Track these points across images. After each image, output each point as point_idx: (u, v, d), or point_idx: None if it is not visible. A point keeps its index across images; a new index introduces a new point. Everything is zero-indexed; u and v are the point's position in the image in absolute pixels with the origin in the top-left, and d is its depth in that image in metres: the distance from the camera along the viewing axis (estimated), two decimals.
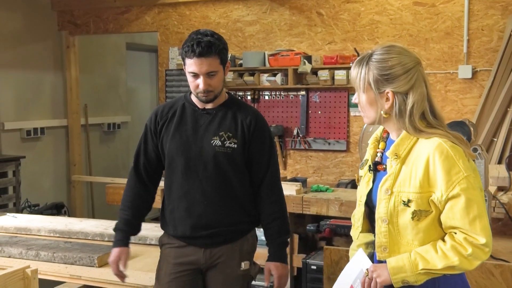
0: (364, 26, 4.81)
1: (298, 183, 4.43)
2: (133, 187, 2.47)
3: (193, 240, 2.36)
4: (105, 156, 6.76)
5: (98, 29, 5.93)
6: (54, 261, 2.79)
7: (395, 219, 1.74)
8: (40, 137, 5.88)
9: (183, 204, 2.35)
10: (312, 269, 4.15)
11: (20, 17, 5.66)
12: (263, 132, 2.40)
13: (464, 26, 4.45)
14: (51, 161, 6.06)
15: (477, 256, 1.65)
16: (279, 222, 2.41)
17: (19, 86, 5.67)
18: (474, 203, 1.65)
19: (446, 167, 1.66)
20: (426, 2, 4.60)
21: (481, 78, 4.43)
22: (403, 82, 1.73)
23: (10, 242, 3.05)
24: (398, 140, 1.76)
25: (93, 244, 3.03)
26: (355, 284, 1.81)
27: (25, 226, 3.35)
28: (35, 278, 1.94)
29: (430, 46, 4.59)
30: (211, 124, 2.35)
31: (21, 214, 3.98)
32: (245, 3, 5.24)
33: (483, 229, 1.64)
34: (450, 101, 4.52)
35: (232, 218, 2.37)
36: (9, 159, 5.26)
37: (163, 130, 2.39)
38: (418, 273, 1.68)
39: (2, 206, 5.07)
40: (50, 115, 6.03)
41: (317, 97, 4.97)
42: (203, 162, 2.32)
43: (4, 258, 2.88)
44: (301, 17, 5.03)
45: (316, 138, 5.00)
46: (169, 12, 5.58)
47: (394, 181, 1.74)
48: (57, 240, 3.13)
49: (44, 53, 5.95)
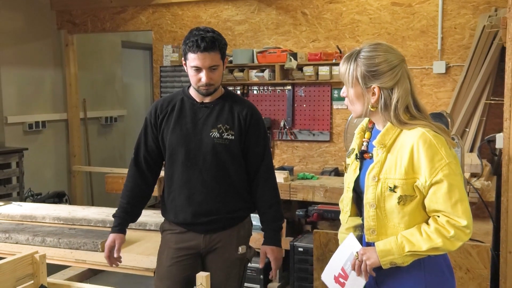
0: (345, 25, 4.80)
1: (285, 171, 4.43)
2: (133, 178, 2.44)
3: (194, 226, 2.35)
4: (103, 148, 6.71)
5: (95, 28, 5.87)
6: (60, 246, 2.76)
7: (382, 204, 1.75)
8: (42, 130, 5.83)
9: (184, 192, 2.33)
10: (299, 251, 4.16)
11: (21, 16, 5.59)
12: (258, 124, 2.39)
13: (438, 24, 4.47)
14: (52, 153, 6.00)
15: (459, 237, 1.67)
16: (274, 209, 2.40)
17: (21, 82, 5.61)
18: (455, 188, 1.66)
19: (430, 155, 1.67)
20: (403, 2, 4.60)
21: (454, 73, 4.45)
22: (389, 78, 1.74)
23: (17, 229, 3.01)
24: (384, 130, 1.76)
25: (96, 230, 3.01)
26: (346, 266, 1.81)
27: (30, 214, 3.32)
28: (43, 262, 1.91)
29: (406, 44, 4.60)
30: (209, 117, 2.33)
31: (25, 203, 3.94)
32: (234, 3, 5.21)
33: (464, 212, 1.66)
34: (425, 95, 4.53)
35: (230, 205, 2.35)
36: (12, 151, 5.21)
37: (163, 123, 2.37)
38: (404, 255, 1.69)
39: (6, 195, 5.03)
40: (51, 109, 5.97)
41: (302, 92, 4.96)
42: (202, 153, 2.30)
43: (11, 244, 2.86)
44: (287, 17, 5.01)
45: (302, 129, 5.00)
46: (163, 12, 5.53)
47: (380, 169, 1.75)
48: (61, 226, 3.11)
49: (45, 50, 5.88)
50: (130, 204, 2.42)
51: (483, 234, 2.66)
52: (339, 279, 1.82)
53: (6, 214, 3.35)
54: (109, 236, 2.40)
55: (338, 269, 1.83)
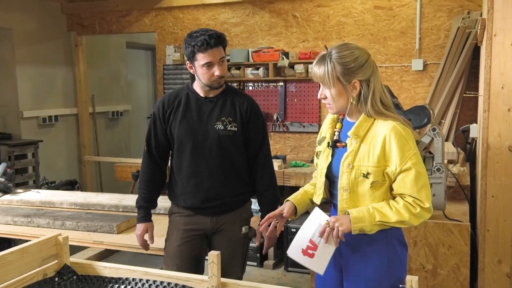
0: (332, 27, 4.79)
1: (279, 160, 4.44)
2: (148, 168, 2.43)
3: (201, 210, 2.35)
4: (110, 139, 6.67)
5: (102, 30, 5.81)
6: (78, 229, 2.75)
7: (355, 189, 1.77)
8: (54, 124, 5.78)
9: (193, 180, 2.33)
10: (292, 231, 4.18)
11: (34, 19, 5.53)
12: (257, 116, 2.38)
13: (417, 26, 4.47)
14: (64, 144, 5.96)
15: (422, 215, 1.73)
16: (271, 192, 2.41)
17: (35, 80, 5.56)
18: (421, 175, 1.72)
19: (400, 145, 1.71)
20: (384, 6, 4.60)
21: (430, 70, 4.47)
22: (366, 71, 1.76)
23: (38, 214, 2.99)
24: (358, 123, 1.78)
25: (110, 214, 3.00)
26: (314, 238, 1.77)
27: (49, 200, 3.29)
28: (66, 244, 1.89)
29: (388, 43, 4.60)
30: (213, 110, 2.31)
31: (42, 190, 3.90)
32: (231, 7, 5.17)
33: (427, 196, 1.72)
34: (404, 90, 4.55)
35: (234, 189, 2.36)
36: (28, 143, 5.18)
37: (171, 117, 2.35)
38: (374, 224, 1.72)
39: (23, 183, 5.00)
40: (62, 105, 5.92)
41: (293, 87, 4.95)
42: (208, 144, 2.29)
43: (33, 227, 2.84)
44: (279, 19, 4.99)
45: (293, 122, 4.99)
46: (165, 15, 5.48)
47: (354, 157, 1.77)
48: (78, 211, 3.08)
49: (56, 51, 5.82)
50: (151, 193, 2.43)
51: (461, 214, 2.68)
52: (308, 251, 1.79)
53: (26, 200, 3.33)
54: (137, 226, 2.41)
55: (306, 242, 1.79)
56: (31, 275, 1.74)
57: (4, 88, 5.39)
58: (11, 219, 2.92)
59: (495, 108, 2.29)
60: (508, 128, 2.29)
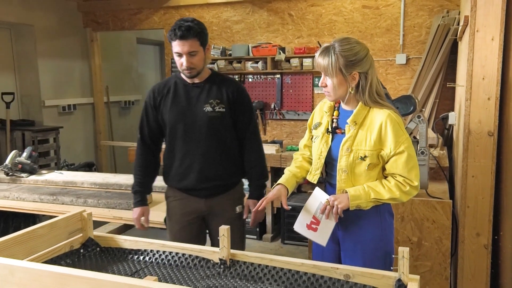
0: (324, 24, 4.74)
1: (276, 144, 4.42)
2: (142, 154, 2.33)
3: (196, 191, 2.25)
4: (122, 126, 6.62)
5: (115, 27, 5.72)
6: (99, 206, 2.73)
7: (353, 170, 1.77)
8: (73, 112, 5.73)
9: (185, 162, 2.23)
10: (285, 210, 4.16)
11: (53, 17, 5.44)
12: (244, 97, 2.27)
13: (400, 24, 4.43)
14: (82, 130, 5.91)
15: (411, 192, 1.74)
16: (258, 168, 2.29)
17: (56, 72, 5.49)
18: (412, 158, 1.73)
19: (395, 131, 1.71)
20: (371, 5, 4.54)
21: (413, 63, 4.43)
22: (365, 64, 1.74)
23: (62, 192, 2.97)
24: (356, 111, 1.76)
25: (127, 193, 2.96)
26: (317, 214, 1.80)
27: (71, 180, 3.26)
28: (90, 219, 1.88)
29: (374, 39, 4.55)
30: (201, 95, 2.21)
31: (64, 171, 3.86)
32: (232, 6, 5.10)
33: (416, 176, 1.74)
34: (389, 81, 4.52)
35: (226, 169, 2.25)
36: (50, 129, 5.14)
37: (161, 104, 2.24)
38: (369, 201, 1.74)
39: (46, 165, 4.97)
40: (80, 94, 5.86)
41: (289, 79, 4.90)
42: (198, 126, 2.19)
43: (58, 205, 2.82)
44: (276, 18, 4.92)
45: (288, 110, 4.95)
46: (172, 13, 5.39)
47: (352, 142, 1.76)
48: (98, 190, 3.06)
49: (74, 45, 5.74)
50: (145, 178, 2.33)
51: (441, 192, 2.68)
52: (312, 226, 1.82)
53: (50, 180, 3.29)
54: (133, 210, 2.32)
55: (310, 218, 1.82)
56: (59, 247, 1.74)
57: (28, 80, 5.32)
58: (38, 197, 2.89)
59: (476, 97, 2.27)
60: (487, 115, 2.27)
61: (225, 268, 1.62)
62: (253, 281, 1.55)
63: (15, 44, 5.27)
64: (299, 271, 1.53)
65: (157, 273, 1.64)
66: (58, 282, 1.33)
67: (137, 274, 1.63)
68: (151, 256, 1.74)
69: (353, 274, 1.46)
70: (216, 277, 1.58)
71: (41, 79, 5.29)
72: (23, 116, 5.35)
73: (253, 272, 1.58)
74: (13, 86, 5.27)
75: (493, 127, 2.29)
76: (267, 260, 1.58)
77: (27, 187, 3.17)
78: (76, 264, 1.72)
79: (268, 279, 1.55)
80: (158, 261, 1.72)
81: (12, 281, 1.39)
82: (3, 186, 3.20)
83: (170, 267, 1.68)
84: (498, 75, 2.24)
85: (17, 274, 1.38)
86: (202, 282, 1.54)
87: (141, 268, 1.68)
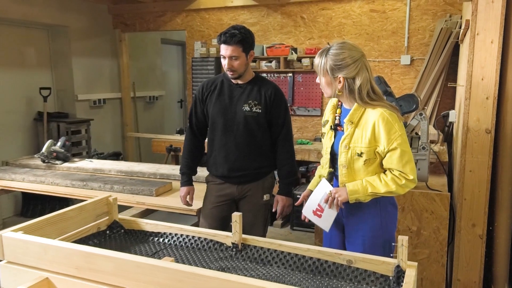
0: (334, 27, 4.68)
1: None
2: (190, 140, 2.41)
3: (229, 179, 2.33)
4: (147, 119, 6.65)
5: (142, 28, 5.74)
6: (124, 192, 2.75)
7: (352, 165, 1.76)
8: (103, 106, 5.77)
9: (222, 153, 2.30)
10: (297, 197, 4.13)
11: (86, 19, 5.48)
12: (280, 101, 2.31)
13: (406, 27, 4.35)
14: (110, 123, 5.96)
15: (407, 185, 1.72)
16: (288, 167, 2.35)
17: (87, 69, 5.53)
18: (405, 153, 1.70)
19: (387, 129, 1.69)
20: (379, 9, 4.47)
21: (416, 64, 4.36)
22: (351, 70, 1.70)
23: (91, 178, 3.00)
24: (352, 111, 1.75)
25: (149, 180, 2.99)
26: (321, 203, 1.82)
27: (100, 168, 3.30)
28: (115, 203, 1.90)
29: (381, 41, 4.49)
30: (242, 95, 2.27)
31: (94, 160, 3.91)
32: (249, 9, 5.07)
33: (412, 170, 1.70)
34: (394, 81, 4.45)
35: (256, 163, 2.32)
36: (82, 121, 5.19)
37: (207, 99, 2.32)
38: (367, 195, 1.72)
39: (78, 154, 5.02)
40: (109, 90, 5.90)
41: (300, 78, 4.87)
42: (236, 123, 2.26)
43: (88, 190, 2.85)
44: (289, 20, 4.88)
45: (299, 106, 4.92)
46: (194, 15, 5.39)
47: (350, 140, 1.75)
48: (123, 177, 3.08)
49: (104, 45, 5.78)
50: (192, 162, 2.41)
51: (440, 185, 2.63)
52: (317, 212, 1.84)
53: (81, 167, 3.34)
54: (181, 189, 2.41)
55: (315, 205, 1.84)
56: (87, 228, 1.77)
57: (63, 76, 5.38)
58: (69, 182, 2.93)
59: (475, 97, 2.22)
60: (485, 113, 2.22)
61: (236, 251, 1.63)
62: (263, 264, 1.56)
63: (52, 43, 5.33)
64: (305, 256, 1.53)
65: (174, 254, 1.65)
66: (85, 260, 1.35)
67: (156, 254, 1.65)
68: (170, 239, 1.75)
69: (355, 259, 1.45)
70: (228, 259, 1.59)
71: (74, 75, 5.34)
72: (58, 109, 5.41)
73: (263, 256, 1.58)
74: (50, 82, 5.34)
75: (491, 125, 2.24)
76: (276, 245, 1.58)
77: (60, 173, 3.21)
78: (102, 244, 1.74)
79: (276, 262, 1.55)
80: (176, 243, 1.73)
81: (45, 258, 1.42)
82: (39, 172, 3.25)
83: (187, 249, 1.69)
84: (496, 76, 2.19)
85: (50, 252, 1.41)
86: (215, 264, 1.55)
87: (160, 249, 1.69)
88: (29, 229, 1.55)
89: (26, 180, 3.04)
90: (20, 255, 1.45)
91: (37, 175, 3.09)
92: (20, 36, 4.94)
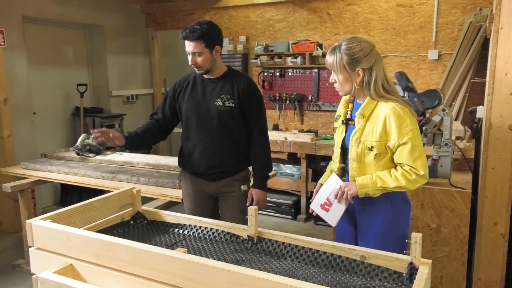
0: (360, 22, 4.58)
1: (312, 133, 4.36)
2: (148, 123, 2.35)
3: (204, 175, 2.27)
4: None
5: (172, 26, 5.82)
6: (150, 184, 2.80)
7: (362, 159, 1.73)
8: (135, 101, 5.90)
9: (198, 149, 2.24)
10: None
11: (120, 18, 5.61)
12: (253, 94, 2.22)
13: (434, 21, 4.20)
14: (143, 117, 6.06)
15: (418, 181, 1.67)
16: (263, 160, 2.26)
17: (121, 66, 5.67)
18: (416, 148, 1.65)
19: (398, 123, 1.65)
20: (406, 3, 4.33)
21: (444, 59, 4.21)
22: (368, 61, 1.68)
23: (120, 171, 3.08)
24: (364, 104, 1.72)
25: (174, 173, 3.03)
26: (330, 197, 1.80)
27: (129, 161, 3.37)
28: (139, 195, 1.94)
29: (408, 36, 4.36)
30: (214, 90, 2.20)
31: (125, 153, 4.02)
32: (275, 6, 5.04)
33: (422, 165, 1.66)
34: (421, 76, 4.32)
35: (233, 159, 2.24)
36: (115, 116, 5.33)
37: (180, 96, 2.26)
38: (376, 189, 1.69)
39: (111, 147, 5.07)
40: (141, 86, 6.02)
41: (325, 74, 4.80)
42: (210, 118, 2.19)
43: (116, 182, 2.92)
44: (315, 16, 4.82)
45: (324, 102, 4.86)
46: (222, 13, 5.41)
47: (361, 133, 1.72)
48: (150, 170, 3.14)
49: (137, 43, 5.90)
50: (139, 132, 2.30)
51: (464, 183, 2.55)
52: (325, 206, 1.82)
53: (112, 160, 3.43)
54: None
55: (324, 199, 1.82)
56: (112, 218, 1.81)
57: (98, 73, 5.54)
58: (100, 174, 3.02)
59: (499, 92, 2.12)
60: (509, 109, 2.12)
61: (252, 244, 1.64)
62: (277, 257, 1.56)
63: (89, 42, 5.50)
64: (319, 250, 1.52)
65: (192, 245, 1.68)
66: (104, 248, 1.40)
67: (175, 245, 1.68)
68: (189, 230, 1.78)
69: (369, 255, 1.43)
70: (244, 252, 1.60)
71: (109, 72, 5.48)
72: (94, 104, 5.58)
73: (277, 249, 1.58)
74: (86, 78, 5.51)
75: None
76: (290, 239, 1.58)
77: (92, 165, 3.32)
78: (126, 234, 1.78)
79: (290, 256, 1.55)
80: (195, 234, 1.76)
81: (69, 245, 1.48)
82: (73, 164, 3.37)
83: (205, 240, 1.71)
84: None
85: (73, 240, 1.47)
86: (231, 256, 1.57)
87: (179, 240, 1.73)
88: (57, 218, 1.61)
89: (61, 172, 3.16)
90: (47, 242, 1.52)
91: (71, 167, 3.21)
92: (59, 36, 5.12)
